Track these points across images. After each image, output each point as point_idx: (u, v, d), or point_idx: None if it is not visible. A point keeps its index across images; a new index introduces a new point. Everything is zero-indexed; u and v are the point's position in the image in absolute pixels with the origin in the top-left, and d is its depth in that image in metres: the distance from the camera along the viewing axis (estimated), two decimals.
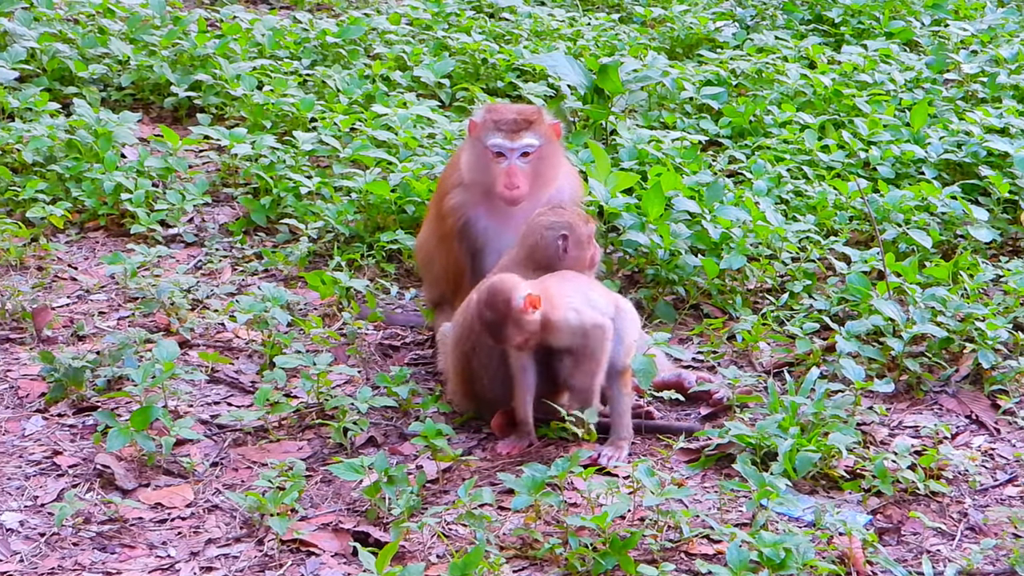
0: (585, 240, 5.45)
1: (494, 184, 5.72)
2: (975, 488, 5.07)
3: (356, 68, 9.17)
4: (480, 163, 5.77)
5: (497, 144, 5.70)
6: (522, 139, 5.72)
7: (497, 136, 5.71)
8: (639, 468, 4.67)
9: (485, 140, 5.74)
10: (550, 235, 5.40)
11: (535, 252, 5.43)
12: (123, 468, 5.09)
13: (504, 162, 5.70)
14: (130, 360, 5.63)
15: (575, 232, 5.42)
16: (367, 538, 4.64)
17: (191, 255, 6.98)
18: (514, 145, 5.70)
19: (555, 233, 5.39)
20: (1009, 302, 6.21)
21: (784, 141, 8.02)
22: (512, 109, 5.88)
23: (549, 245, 5.40)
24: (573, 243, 5.41)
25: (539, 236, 5.43)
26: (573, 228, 5.42)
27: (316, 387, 5.48)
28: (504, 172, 5.68)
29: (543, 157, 5.77)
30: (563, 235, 5.39)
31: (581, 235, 5.44)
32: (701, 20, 10.53)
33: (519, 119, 5.74)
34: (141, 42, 9.15)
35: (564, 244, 5.39)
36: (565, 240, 5.39)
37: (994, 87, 9.02)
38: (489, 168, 5.74)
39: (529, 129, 5.73)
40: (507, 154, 5.70)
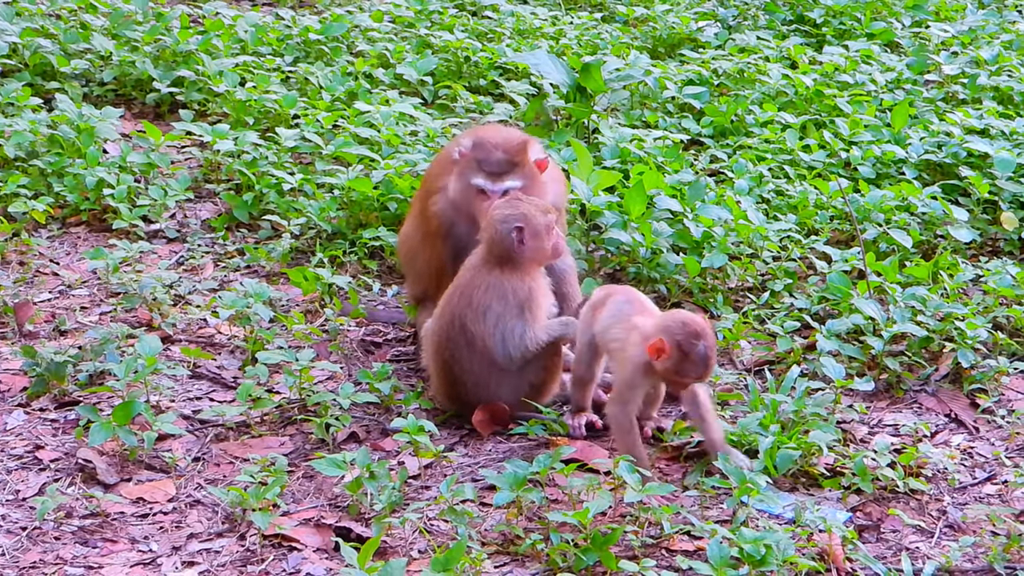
0: (543, 230, 5.40)
1: (478, 216, 5.68)
2: (954, 486, 5.10)
3: (339, 65, 9.17)
4: (464, 195, 5.75)
5: (480, 184, 5.69)
6: (504, 182, 5.68)
7: (479, 177, 5.69)
8: (621, 465, 4.69)
9: (469, 178, 5.71)
10: (504, 228, 5.36)
11: (493, 247, 5.40)
12: (105, 463, 5.09)
13: (486, 200, 5.67)
14: (112, 355, 5.64)
15: (531, 223, 5.37)
16: (349, 533, 4.65)
17: (173, 251, 6.97)
18: (495, 188, 5.68)
19: (508, 226, 5.36)
20: (988, 302, 6.25)
21: (766, 141, 8.05)
22: (498, 146, 5.73)
23: (504, 239, 5.36)
24: (530, 234, 5.37)
25: (494, 230, 5.40)
26: (528, 219, 5.37)
27: (298, 383, 5.48)
28: (487, 209, 5.61)
29: (526, 190, 5.73)
30: (517, 227, 5.36)
31: (537, 226, 5.38)
32: (683, 20, 10.55)
33: (503, 161, 5.68)
34: (123, 38, 9.15)
35: (520, 236, 5.36)
36: (520, 232, 5.36)
37: (974, 88, 9.06)
38: (472, 202, 5.73)
39: (511, 172, 5.68)
40: (490, 194, 5.69)
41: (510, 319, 5.36)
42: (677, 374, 4.95)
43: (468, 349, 5.37)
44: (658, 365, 4.96)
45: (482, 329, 5.36)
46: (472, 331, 5.36)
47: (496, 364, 5.38)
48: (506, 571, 4.51)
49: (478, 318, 5.36)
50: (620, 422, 5.08)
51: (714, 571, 4.31)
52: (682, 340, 4.90)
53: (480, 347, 5.36)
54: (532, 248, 5.39)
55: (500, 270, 5.38)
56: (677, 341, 4.90)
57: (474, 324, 5.36)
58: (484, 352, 5.37)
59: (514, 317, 5.36)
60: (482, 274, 5.41)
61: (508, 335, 5.36)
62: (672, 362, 4.91)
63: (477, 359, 5.37)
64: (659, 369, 4.98)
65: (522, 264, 5.40)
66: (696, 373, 4.94)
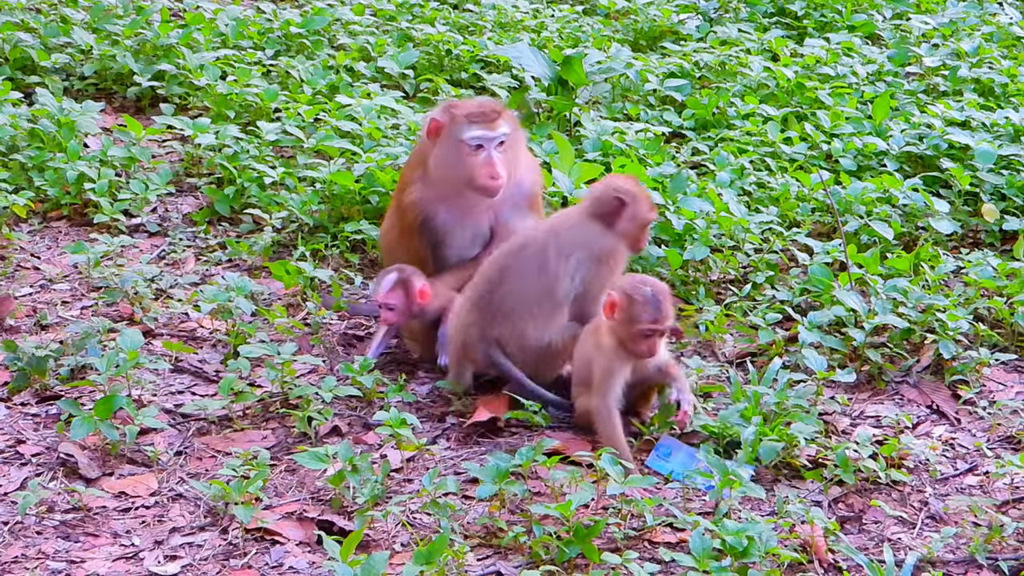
0: (640, 220, 5.57)
1: (474, 177, 5.73)
2: (935, 477, 5.12)
3: (320, 59, 9.16)
4: (456, 158, 5.77)
5: (476, 136, 5.72)
6: (499, 128, 5.76)
7: (475, 128, 5.73)
8: (603, 457, 4.69)
9: (461, 134, 5.74)
10: (611, 194, 5.55)
11: (595, 204, 5.57)
12: (87, 457, 5.08)
13: (483, 153, 5.72)
14: (94, 349, 5.62)
15: (635, 204, 5.56)
16: (331, 527, 4.65)
17: (154, 245, 6.95)
18: (493, 135, 5.73)
19: (615, 194, 5.55)
20: (969, 293, 6.26)
21: (747, 133, 8.06)
22: (477, 103, 5.91)
23: (608, 203, 5.54)
24: (628, 215, 5.54)
25: (602, 191, 5.61)
26: (635, 200, 5.57)
27: (280, 376, 5.47)
28: (484, 163, 5.71)
29: (512, 145, 5.81)
30: (620, 199, 5.53)
31: (639, 210, 5.56)
32: (665, 12, 10.55)
33: (491, 110, 5.79)
34: (104, 31, 9.12)
35: (620, 208, 5.52)
36: (622, 205, 5.52)
37: (955, 80, 9.07)
38: (466, 162, 5.75)
39: (501, 118, 5.78)
40: (486, 145, 5.72)
41: (589, 270, 5.48)
42: (632, 321, 5.06)
43: (528, 281, 5.46)
44: (616, 324, 5.10)
45: (557, 267, 5.45)
46: (549, 265, 5.45)
47: (546, 306, 5.44)
48: (489, 564, 4.51)
49: (560, 255, 5.46)
50: (601, 412, 5.13)
51: (696, 563, 4.32)
52: (628, 287, 5.10)
53: (543, 284, 5.45)
54: (623, 227, 5.55)
55: (595, 224, 5.52)
56: (623, 290, 5.09)
57: (556, 259, 5.45)
58: (544, 290, 5.45)
59: (592, 270, 5.48)
60: (578, 220, 5.58)
61: (580, 283, 5.46)
62: (623, 310, 5.06)
63: (532, 294, 5.45)
64: (618, 329, 5.10)
65: (612, 233, 5.54)
66: (650, 316, 5.06)
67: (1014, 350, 6.01)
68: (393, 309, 5.78)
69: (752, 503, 4.88)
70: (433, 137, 5.84)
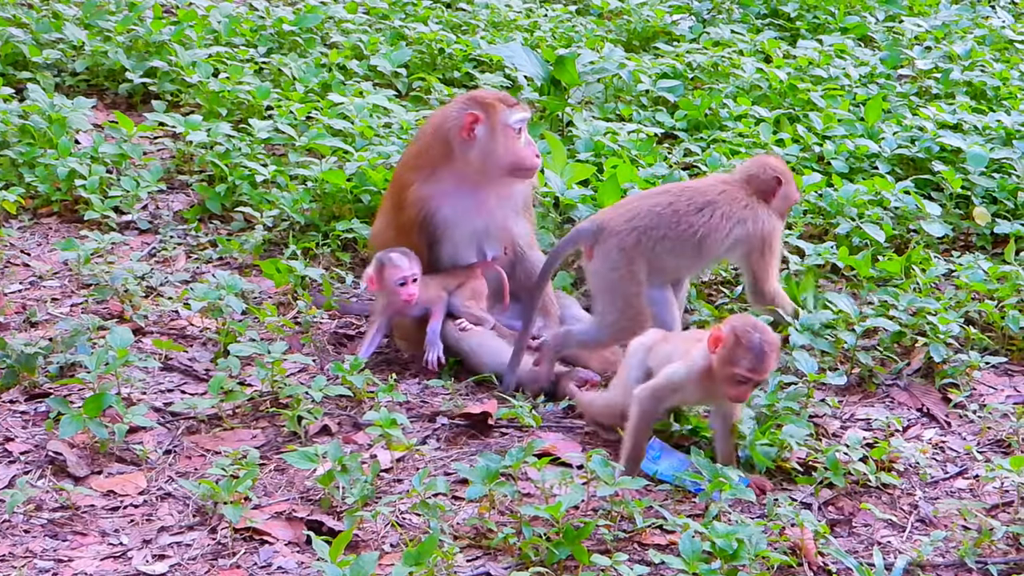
0: (790, 201, 5.96)
1: (523, 159, 5.92)
2: (926, 480, 5.11)
3: (312, 56, 9.15)
4: (505, 144, 5.91)
5: (520, 119, 5.94)
6: (527, 110, 6.03)
7: (517, 112, 5.94)
8: (593, 458, 4.68)
9: (507, 119, 5.90)
10: (771, 172, 5.87)
11: (752, 181, 5.86)
12: (75, 455, 5.06)
13: (523, 136, 5.94)
14: (83, 347, 5.61)
15: (788, 184, 5.89)
16: (321, 527, 4.64)
17: (145, 242, 6.94)
18: (529, 115, 6.01)
19: (775, 173, 5.87)
20: (960, 296, 6.26)
21: (739, 134, 8.05)
22: (492, 93, 6.15)
23: (767, 181, 5.85)
24: (782, 195, 5.87)
25: (762, 170, 5.88)
26: (788, 180, 5.90)
27: (270, 375, 5.45)
28: (528, 143, 5.96)
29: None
30: (778, 178, 5.85)
31: (791, 192, 5.92)
32: (658, 13, 10.56)
33: (509, 96, 6.05)
34: (96, 27, 9.11)
35: (776, 186, 5.85)
36: (779, 184, 5.85)
37: (947, 83, 9.08)
38: (511, 146, 5.91)
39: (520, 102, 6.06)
40: (524, 128, 5.95)
41: (750, 252, 5.79)
42: (730, 363, 4.84)
43: (682, 243, 5.70)
44: (714, 357, 4.89)
45: (718, 236, 5.73)
46: (703, 237, 5.71)
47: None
48: (478, 565, 4.50)
49: (718, 228, 5.74)
50: (646, 410, 5.00)
51: (686, 565, 4.31)
52: (739, 328, 4.89)
53: (691, 248, 5.71)
54: (775, 205, 5.85)
55: (755, 198, 5.81)
56: (734, 328, 4.89)
57: (712, 232, 5.71)
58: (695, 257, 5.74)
59: (754, 250, 5.78)
60: (734, 198, 5.79)
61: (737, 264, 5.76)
62: (726, 349, 4.85)
63: (682, 257, 5.72)
64: (715, 363, 4.89)
65: (770, 208, 5.83)
66: (748, 364, 4.83)
67: (1004, 353, 6.01)
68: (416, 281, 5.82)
69: (742, 505, 4.87)
70: (467, 131, 5.88)
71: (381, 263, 5.81)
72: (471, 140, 5.88)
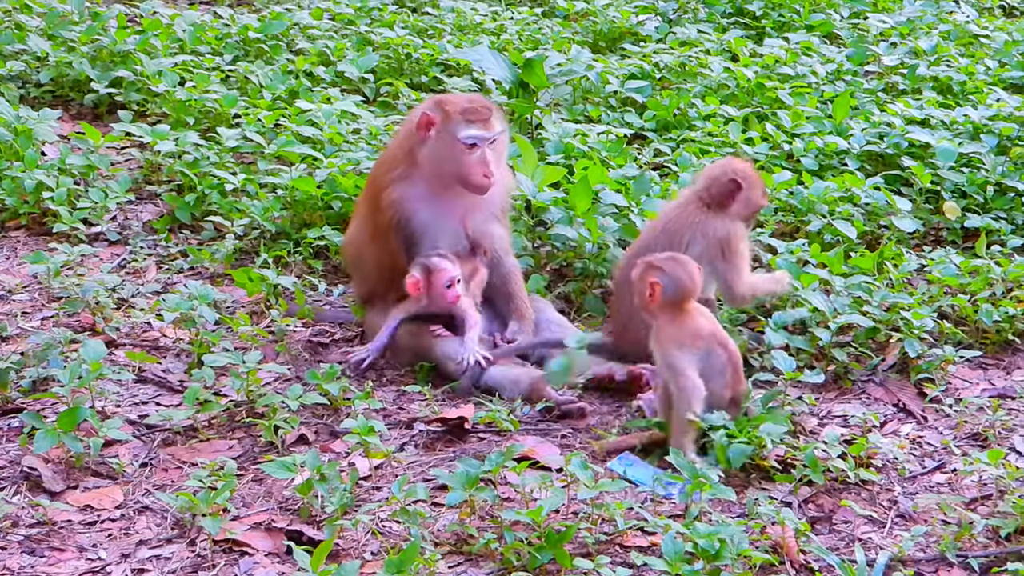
0: (754, 205, 5.87)
1: (468, 175, 5.76)
2: (904, 476, 5.12)
3: (279, 63, 9.11)
4: (450, 155, 5.79)
5: (473, 136, 5.75)
6: (495, 128, 5.81)
7: (473, 128, 5.76)
8: (573, 461, 4.67)
9: (456, 132, 5.76)
10: (727, 176, 5.78)
11: (709, 187, 5.81)
12: (51, 470, 5.02)
13: (477, 152, 5.74)
14: (56, 360, 5.57)
15: (750, 186, 5.81)
16: (301, 536, 4.61)
17: (115, 254, 6.90)
18: (489, 135, 5.77)
19: (730, 176, 5.79)
20: (933, 291, 6.28)
21: (709, 134, 8.06)
22: (471, 99, 5.97)
23: (723, 185, 5.77)
24: (743, 199, 5.78)
25: (719, 172, 5.85)
26: (750, 183, 5.82)
27: (246, 385, 5.43)
28: (479, 162, 5.75)
29: (502, 144, 5.92)
30: (736, 181, 5.76)
31: (752, 198, 5.82)
32: (623, 14, 10.56)
33: (486, 108, 5.84)
34: (60, 38, 9.05)
35: (735, 189, 5.74)
36: (737, 187, 5.73)
37: (914, 79, 9.11)
38: (460, 160, 5.77)
39: (494, 116, 5.83)
40: (480, 144, 5.75)
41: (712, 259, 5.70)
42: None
43: None
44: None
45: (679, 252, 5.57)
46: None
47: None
48: (460, 571, 4.49)
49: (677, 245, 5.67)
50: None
51: (669, 566, 4.31)
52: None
53: None
54: (736, 210, 5.80)
55: (707, 211, 5.75)
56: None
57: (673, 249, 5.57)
58: None
59: (716, 258, 5.71)
60: (689, 212, 5.78)
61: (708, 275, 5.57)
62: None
63: None
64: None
65: (726, 213, 5.77)
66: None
67: (979, 347, 6.03)
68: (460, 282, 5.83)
69: (722, 505, 4.87)
70: (423, 132, 5.82)
71: (428, 268, 5.79)
72: (425, 141, 5.85)
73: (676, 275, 5.20)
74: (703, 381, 5.10)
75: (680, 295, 5.20)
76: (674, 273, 5.20)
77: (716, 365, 5.16)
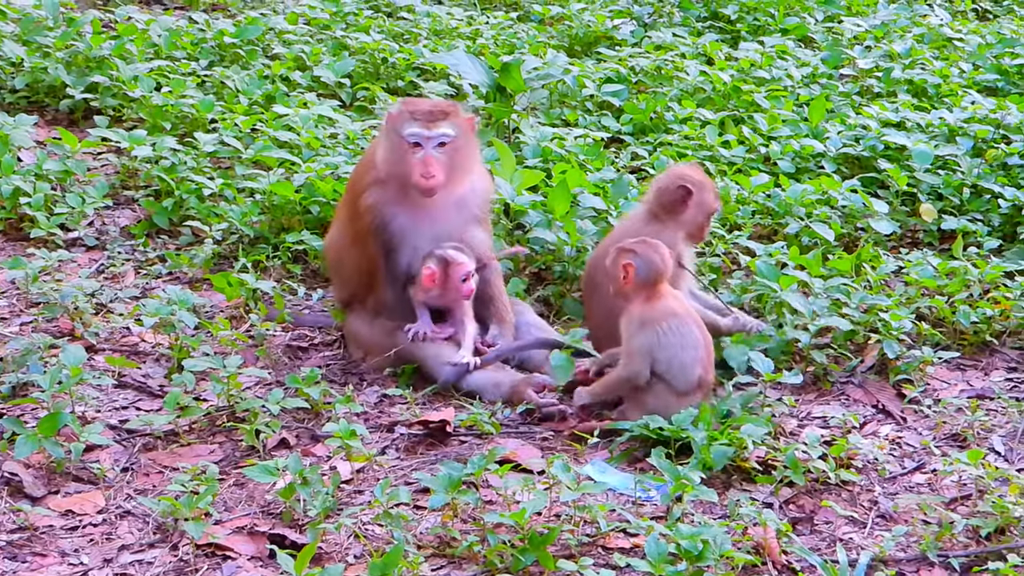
0: (707, 208, 5.83)
1: (410, 174, 5.74)
2: (884, 476, 5.14)
3: (255, 68, 9.09)
4: (396, 154, 5.79)
5: (414, 133, 5.73)
6: (438, 128, 5.75)
7: (414, 126, 5.74)
8: (555, 464, 4.68)
9: (402, 130, 5.76)
10: (675, 182, 5.77)
11: (659, 196, 5.83)
12: (31, 475, 5.01)
13: (420, 152, 5.72)
14: (35, 366, 5.55)
15: (701, 192, 5.79)
16: (283, 540, 4.60)
17: (93, 259, 6.88)
18: (431, 134, 5.73)
19: (679, 182, 5.76)
20: (911, 293, 6.31)
21: (685, 137, 8.08)
22: (430, 101, 6.03)
23: (672, 192, 5.78)
24: (695, 202, 5.78)
25: (667, 181, 5.85)
26: (700, 188, 5.79)
27: (226, 390, 5.42)
28: (420, 162, 5.71)
29: (458, 149, 5.80)
30: (686, 187, 5.73)
31: (705, 200, 5.81)
32: (599, 18, 10.58)
33: (436, 110, 5.81)
34: (34, 43, 9.00)
35: (685, 196, 5.74)
36: (687, 194, 5.73)
37: (889, 82, 9.16)
38: (405, 159, 5.76)
39: (446, 119, 5.78)
40: (423, 143, 5.73)
41: None
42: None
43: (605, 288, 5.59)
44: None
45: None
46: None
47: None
48: (444, 574, 4.49)
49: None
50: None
51: (652, 568, 4.32)
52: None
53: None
54: (689, 216, 5.81)
55: (655, 224, 5.76)
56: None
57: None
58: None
59: None
60: (638, 222, 5.81)
61: None
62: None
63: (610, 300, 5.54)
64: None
65: (677, 224, 5.78)
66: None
67: (956, 348, 6.06)
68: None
69: (704, 506, 4.88)
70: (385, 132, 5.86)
71: (445, 260, 5.80)
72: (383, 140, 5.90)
73: (648, 256, 5.36)
74: (673, 350, 5.28)
75: (653, 276, 5.35)
76: (646, 255, 5.36)
77: (689, 338, 5.31)
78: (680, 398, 5.26)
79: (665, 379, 5.28)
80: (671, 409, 5.20)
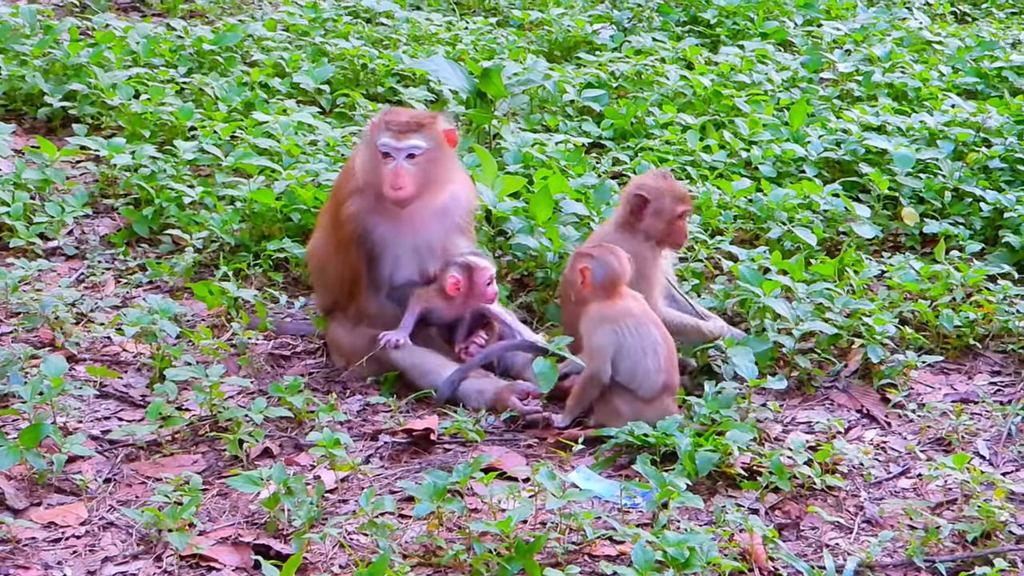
0: (667, 214, 5.73)
1: (380, 184, 5.74)
2: (870, 481, 5.14)
3: (234, 75, 9.06)
4: (371, 164, 5.80)
5: (385, 144, 5.73)
6: (408, 140, 5.73)
7: (386, 136, 5.74)
8: (540, 471, 4.66)
9: (376, 140, 5.75)
10: (632, 191, 5.75)
11: (622, 206, 5.81)
12: (13, 487, 4.96)
13: (391, 163, 5.70)
14: (16, 377, 5.51)
15: (658, 199, 5.71)
16: (268, 551, 4.57)
17: (73, 268, 6.84)
18: (400, 145, 5.72)
19: (635, 191, 5.74)
20: (894, 297, 6.31)
21: (666, 142, 8.08)
22: (407, 112, 5.96)
23: (629, 201, 5.72)
24: (652, 210, 5.71)
25: (627, 192, 5.83)
26: (657, 195, 5.72)
27: (209, 399, 5.38)
28: (391, 173, 5.70)
29: (432, 161, 5.77)
30: (641, 196, 5.70)
31: (663, 205, 5.73)
32: (579, 23, 10.58)
33: (410, 121, 5.78)
34: (11, 51, 8.96)
35: (640, 204, 5.69)
36: (643, 202, 5.68)
37: (869, 86, 9.17)
38: (378, 168, 5.75)
39: (418, 132, 5.75)
40: (394, 154, 5.71)
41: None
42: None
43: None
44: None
45: None
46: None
47: None
48: None
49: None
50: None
51: (639, 575, 4.30)
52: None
53: None
54: (649, 224, 5.75)
55: (623, 233, 5.73)
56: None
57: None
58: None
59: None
60: (607, 232, 5.82)
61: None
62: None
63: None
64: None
65: (641, 233, 5.74)
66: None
67: (940, 352, 6.06)
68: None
69: (690, 513, 4.87)
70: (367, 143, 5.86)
71: (469, 266, 5.81)
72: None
73: (605, 260, 5.42)
74: (635, 357, 5.30)
75: (609, 279, 5.40)
76: (602, 258, 5.42)
77: (648, 341, 5.33)
78: (647, 404, 5.27)
79: (630, 388, 5.29)
80: (642, 416, 5.20)
